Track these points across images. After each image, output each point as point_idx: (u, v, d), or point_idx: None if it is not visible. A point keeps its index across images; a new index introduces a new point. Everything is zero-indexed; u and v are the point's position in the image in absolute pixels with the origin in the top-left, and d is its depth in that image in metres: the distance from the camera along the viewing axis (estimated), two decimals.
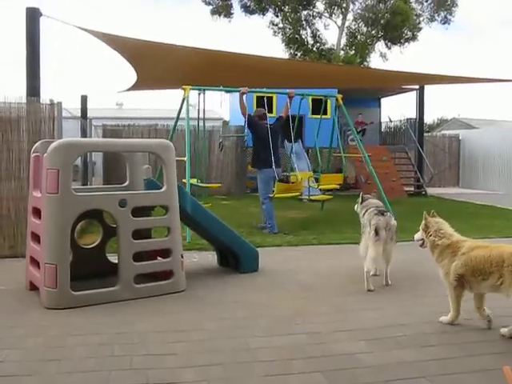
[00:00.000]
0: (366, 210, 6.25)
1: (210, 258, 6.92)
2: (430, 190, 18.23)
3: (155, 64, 10.62)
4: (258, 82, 13.74)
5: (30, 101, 7.11)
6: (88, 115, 13.99)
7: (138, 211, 5.25)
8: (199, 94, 9.49)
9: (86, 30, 8.05)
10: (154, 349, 3.89)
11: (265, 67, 10.87)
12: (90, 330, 4.27)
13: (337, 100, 11.25)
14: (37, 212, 5.17)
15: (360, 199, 6.63)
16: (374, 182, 11.82)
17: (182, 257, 5.52)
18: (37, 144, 5.49)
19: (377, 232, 5.66)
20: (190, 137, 9.13)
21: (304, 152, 16.99)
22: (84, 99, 14.13)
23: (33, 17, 7.37)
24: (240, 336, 4.16)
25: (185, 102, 9.30)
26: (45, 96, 7.36)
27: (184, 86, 9.34)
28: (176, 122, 10.46)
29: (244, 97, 9.67)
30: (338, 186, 11.36)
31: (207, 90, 9.50)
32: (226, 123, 19.92)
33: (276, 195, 9.30)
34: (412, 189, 18.33)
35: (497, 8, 71.91)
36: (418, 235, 4.82)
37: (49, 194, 4.78)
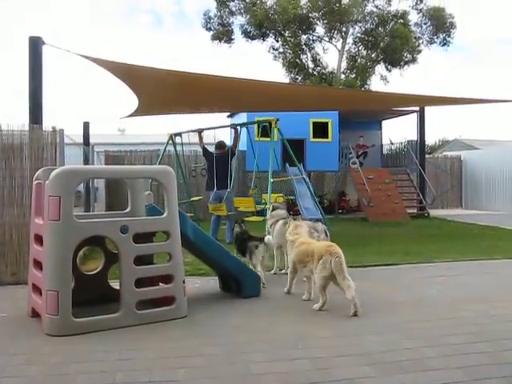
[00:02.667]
0: (277, 221, 7.93)
1: (212, 283, 6.90)
2: (433, 212, 18.22)
3: (156, 89, 10.68)
4: (261, 105, 13.83)
5: (33, 128, 7.17)
6: (90, 141, 14.05)
7: (140, 237, 5.26)
8: (175, 135, 13.42)
9: (86, 57, 8.12)
10: (156, 376, 3.87)
11: (267, 91, 10.93)
12: (91, 357, 4.25)
13: (270, 124, 12.24)
14: (39, 239, 5.18)
15: (271, 208, 8.37)
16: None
17: (184, 282, 5.51)
18: (39, 171, 5.52)
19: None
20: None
21: (305, 175, 16.99)
22: (86, 126, 14.18)
23: (35, 45, 7.44)
24: (242, 361, 4.14)
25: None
26: (47, 123, 7.43)
27: (168, 133, 13.48)
28: (161, 157, 13.84)
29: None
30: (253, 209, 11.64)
31: (184, 133, 13.31)
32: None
33: (210, 211, 11.63)
34: (415, 211, 18.31)
35: (495, 28, 72.71)
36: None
37: (50, 221, 4.80)
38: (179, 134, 13.46)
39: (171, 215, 5.36)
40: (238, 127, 12.78)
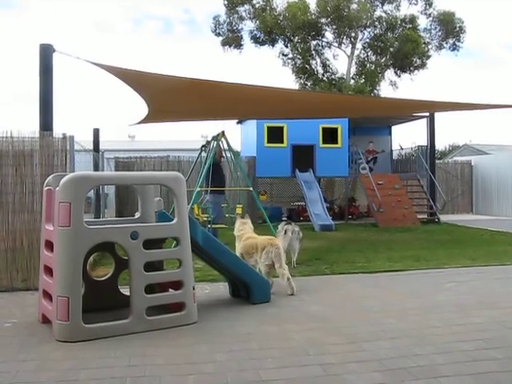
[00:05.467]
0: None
1: (222, 288, 6.91)
2: (444, 217, 18.15)
3: (166, 97, 10.71)
4: (270, 112, 13.83)
5: (43, 135, 7.21)
6: (100, 148, 14.13)
7: (150, 243, 5.28)
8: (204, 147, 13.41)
9: (96, 64, 8.16)
10: (165, 382, 3.87)
11: (277, 98, 10.94)
12: (102, 364, 4.26)
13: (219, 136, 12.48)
14: (49, 245, 5.21)
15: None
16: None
17: (194, 288, 5.52)
18: (49, 178, 5.56)
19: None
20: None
21: (315, 181, 17.00)
22: (96, 132, 14.27)
23: (46, 53, 7.50)
24: (252, 368, 4.13)
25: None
26: (58, 130, 7.49)
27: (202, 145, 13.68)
28: (195, 163, 13.93)
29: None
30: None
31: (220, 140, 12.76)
32: (237, 154, 20.05)
33: None
34: (425, 216, 18.25)
35: (504, 33, 72.47)
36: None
37: (61, 227, 4.82)
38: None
39: (181, 221, 5.37)
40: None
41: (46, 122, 7.41)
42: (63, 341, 4.79)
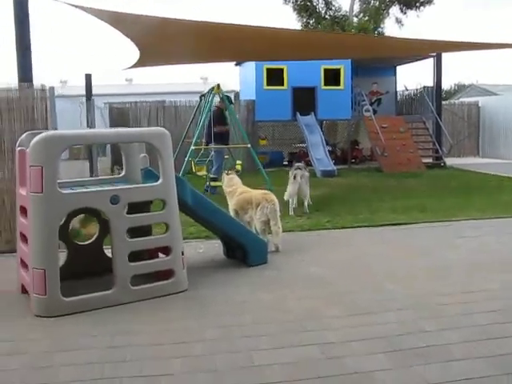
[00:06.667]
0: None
1: (217, 247, 6.45)
2: (449, 161, 17.55)
3: (158, 40, 10.11)
4: (269, 54, 13.17)
5: (21, 87, 6.66)
6: (97, 92, 13.47)
7: (137, 206, 4.85)
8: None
9: (77, 6, 7.54)
10: (147, 368, 3.47)
11: (276, 39, 10.31)
12: (80, 344, 3.87)
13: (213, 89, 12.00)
14: (24, 211, 4.75)
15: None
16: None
17: (183, 254, 5.09)
18: (22, 137, 5.04)
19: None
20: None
21: (317, 125, 16.42)
22: (88, 78, 13.59)
23: None
24: (245, 349, 3.73)
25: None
26: (55, 80, 6.95)
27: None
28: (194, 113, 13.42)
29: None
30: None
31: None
32: (236, 95, 19.38)
33: None
34: (430, 160, 17.69)
35: None
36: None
37: (33, 193, 4.36)
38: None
39: (167, 182, 4.90)
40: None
41: (25, 73, 6.87)
42: (42, 316, 4.41)
